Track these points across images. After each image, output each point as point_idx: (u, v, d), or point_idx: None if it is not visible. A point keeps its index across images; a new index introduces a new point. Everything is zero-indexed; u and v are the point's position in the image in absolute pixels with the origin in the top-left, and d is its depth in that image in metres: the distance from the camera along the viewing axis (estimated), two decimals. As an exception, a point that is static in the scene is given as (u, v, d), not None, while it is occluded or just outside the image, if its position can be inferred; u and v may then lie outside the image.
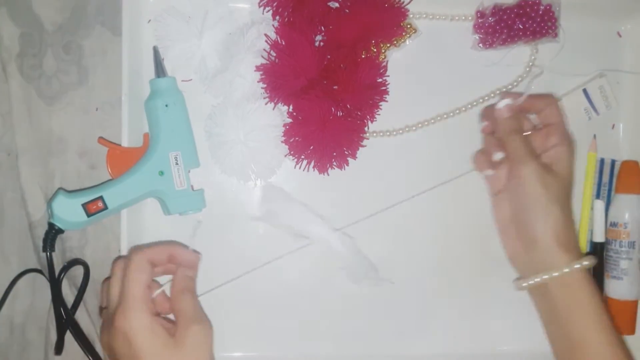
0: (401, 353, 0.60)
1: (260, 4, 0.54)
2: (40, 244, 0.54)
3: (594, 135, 0.61)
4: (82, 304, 0.57)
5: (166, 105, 0.54)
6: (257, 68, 0.53)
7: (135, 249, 0.48)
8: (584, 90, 0.59)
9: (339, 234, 0.56)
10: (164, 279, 0.50)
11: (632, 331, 0.60)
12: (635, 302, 0.60)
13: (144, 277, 0.46)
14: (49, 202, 0.53)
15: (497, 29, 0.57)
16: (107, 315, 0.47)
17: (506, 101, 0.54)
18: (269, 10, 0.54)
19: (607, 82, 0.59)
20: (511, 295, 0.58)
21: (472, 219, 0.60)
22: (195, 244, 0.57)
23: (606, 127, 0.61)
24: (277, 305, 0.59)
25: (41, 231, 0.55)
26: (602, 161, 0.61)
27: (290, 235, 0.56)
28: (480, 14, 0.57)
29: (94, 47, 0.57)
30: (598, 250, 0.60)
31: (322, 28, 0.54)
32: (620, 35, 0.61)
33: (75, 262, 0.57)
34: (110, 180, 0.54)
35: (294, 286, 0.59)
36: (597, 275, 0.61)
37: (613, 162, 0.61)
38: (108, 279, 0.50)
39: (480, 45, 0.58)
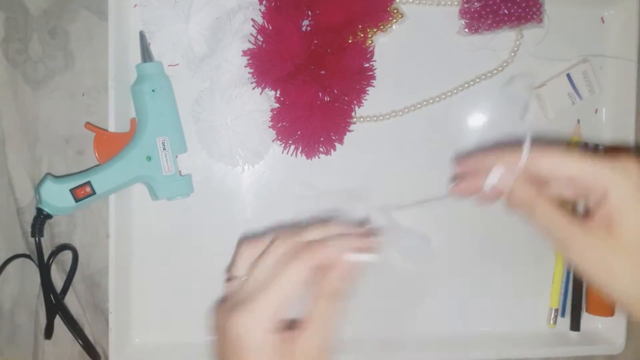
0: (390, 335, 0.61)
1: (247, -12, 0.54)
2: (29, 229, 0.54)
3: (578, 120, 0.62)
4: (71, 288, 0.58)
5: (153, 90, 0.54)
6: (244, 53, 0.53)
7: (306, 249, 0.37)
8: (568, 75, 0.60)
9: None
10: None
11: (611, 313, 0.61)
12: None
13: (295, 290, 0.36)
14: (37, 187, 0.53)
15: (483, 14, 0.57)
16: (236, 297, 0.37)
17: (494, 176, 0.41)
18: (255, -5, 0.54)
19: (590, 68, 0.60)
20: (502, 278, 0.60)
21: (459, 202, 0.61)
22: (183, 229, 0.58)
23: (589, 112, 0.62)
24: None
25: (29, 216, 0.55)
26: (585, 145, 0.62)
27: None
28: (466, 0, 0.58)
29: (80, 32, 0.57)
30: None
31: (309, 13, 0.54)
32: (603, 21, 0.62)
33: (64, 247, 0.57)
34: (97, 165, 0.54)
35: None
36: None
37: (596, 147, 0.62)
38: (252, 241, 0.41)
39: (466, 30, 0.58)
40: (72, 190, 0.52)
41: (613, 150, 0.61)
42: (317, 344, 0.36)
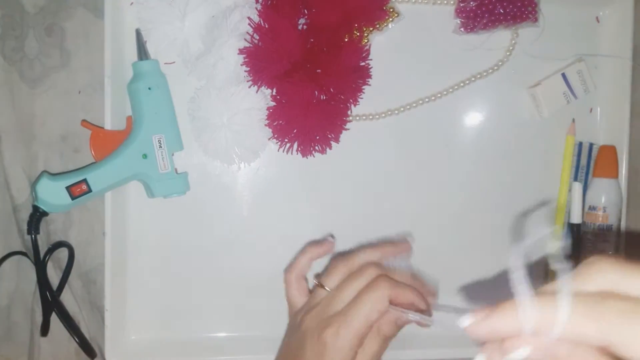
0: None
1: (243, -14, 0.54)
2: (25, 226, 0.55)
3: (573, 119, 0.62)
4: (67, 285, 0.58)
5: (149, 88, 0.54)
6: (240, 51, 0.53)
7: (386, 281, 0.44)
8: (563, 75, 0.60)
9: None
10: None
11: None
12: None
13: (375, 316, 0.43)
14: (33, 185, 0.53)
15: (478, 13, 0.57)
16: (323, 311, 0.45)
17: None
18: (251, -7, 0.54)
19: (585, 67, 0.60)
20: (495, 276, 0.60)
21: (454, 200, 0.61)
22: (179, 227, 0.58)
23: (584, 111, 0.62)
24: (260, 286, 0.59)
25: (25, 214, 0.55)
26: (580, 144, 0.62)
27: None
28: (462, -1, 0.58)
29: (76, 30, 0.57)
30: (575, 231, 0.62)
31: (305, 11, 0.54)
32: (598, 21, 0.62)
33: (60, 244, 0.57)
34: (93, 163, 0.54)
35: (277, 267, 0.59)
36: (574, 256, 0.62)
37: (591, 145, 0.62)
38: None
39: (462, 29, 0.58)
40: (68, 188, 0.52)
41: (607, 150, 0.61)
42: None
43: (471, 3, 0.57)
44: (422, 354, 0.60)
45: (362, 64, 0.56)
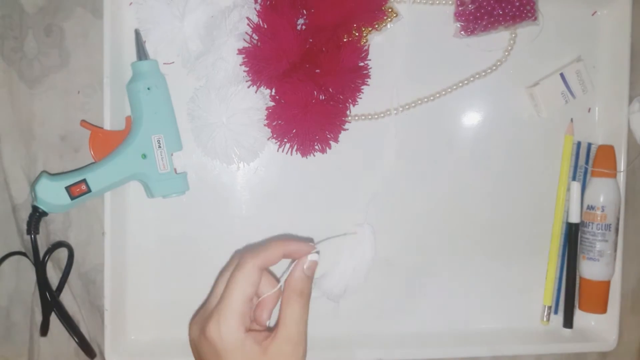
0: (385, 332, 0.62)
1: (242, -13, 0.54)
2: (24, 226, 0.55)
3: (571, 119, 0.62)
4: (66, 285, 0.58)
5: (148, 88, 0.54)
6: (240, 51, 0.53)
7: (248, 253, 0.44)
8: (561, 75, 0.60)
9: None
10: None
11: (604, 310, 0.61)
12: (608, 283, 0.61)
13: (249, 289, 0.43)
14: (33, 185, 0.53)
15: (478, 15, 0.57)
16: (204, 313, 0.44)
17: None
18: (250, -7, 0.54)
19: (583, 67, 0.60)
20: (495, 275, 0.60)
21: (453, 200, 0.61)
22: (178, 226, 0.58)
23: (582, 111, 0.63)
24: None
25: (25, 214, 0.55)
26: (578, 144, 0.62)
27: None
28: (460, 2, 0.58)
29: (75, 30, 0.57)
30: (573, 231, 0.62)
31: (304, 11, 0.54)
32: (594, 14, 0.62)
33: (60, 244, 0.57)
34: (93, 163, 0.54)
35: (277, 267, 0.59)
36: (572, 255, 0.62)
37: (589, 145, 0.62)
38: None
39: (462, 32, 0.58)
40: (67, 188, 0.52)
41: (605, 149, 0.61)
42: (287, 339, 0.42)
43: (470, 6, 0.57)
44: (422, 354, 0.61)
45: (361, 64, 0.56)
